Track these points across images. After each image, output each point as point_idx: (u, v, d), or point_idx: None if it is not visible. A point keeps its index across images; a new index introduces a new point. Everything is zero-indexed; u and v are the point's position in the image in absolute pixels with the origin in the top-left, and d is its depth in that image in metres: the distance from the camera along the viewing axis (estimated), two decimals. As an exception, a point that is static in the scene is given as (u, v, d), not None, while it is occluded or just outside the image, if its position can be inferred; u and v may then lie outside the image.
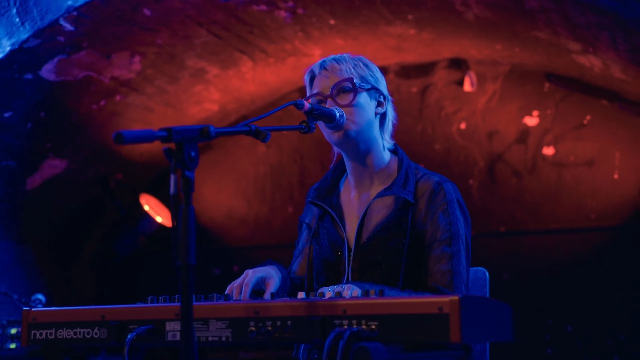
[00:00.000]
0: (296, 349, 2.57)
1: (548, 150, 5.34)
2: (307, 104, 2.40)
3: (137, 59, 4.95)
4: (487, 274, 3.12)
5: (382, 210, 2.49)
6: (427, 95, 5.68)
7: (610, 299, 5.07)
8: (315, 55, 5.40)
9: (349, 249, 2.51)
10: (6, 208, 5.51)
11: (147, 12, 4.51)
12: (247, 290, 2.37)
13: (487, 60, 5.45)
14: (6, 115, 4.86)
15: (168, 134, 1.81)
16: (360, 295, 2.07)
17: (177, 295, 2.27)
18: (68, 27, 4.43)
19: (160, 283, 5.98)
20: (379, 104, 2.60)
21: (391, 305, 1.93)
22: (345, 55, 2.60)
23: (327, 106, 2.52)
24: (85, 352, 2.37)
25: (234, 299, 2.41)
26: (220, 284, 2.53)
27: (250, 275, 2.40)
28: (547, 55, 4.98)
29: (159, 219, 5.94)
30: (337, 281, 2.48)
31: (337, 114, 2.49)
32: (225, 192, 6.16)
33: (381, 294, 2.03)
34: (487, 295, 3.03)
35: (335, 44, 5.28)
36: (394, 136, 2.73)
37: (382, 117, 2.62)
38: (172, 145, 1.84)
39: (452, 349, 2.11)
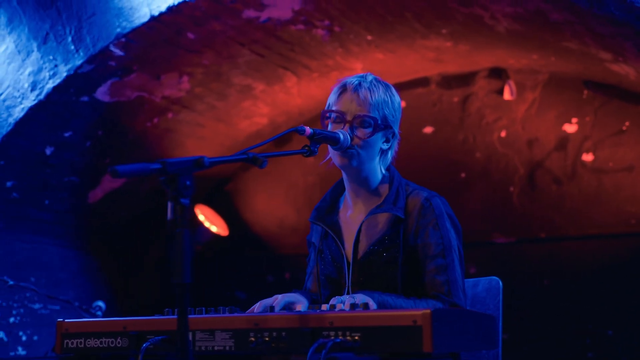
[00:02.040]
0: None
1: (587, 157, 5.40)
2: (308, 130, 2.54)
3: (185, 78, 5.24)
4: (500, 283, 3.22)
5: (375, 227, 2.63)
6: (468, 104, 5.80)
7: (651, 303, 5.09)
8: (357, 69, 5.59)
9: (348, 264, 2.67)
10: (71, 220, 5.88)
11: (190, 35, 4.79)
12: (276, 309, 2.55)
13: (526, 69, 5.54)
14: (66, 135, 5.22)
15: (162, 166, 2.02)
16: (349, 309, 2.25)
17: (190, 308, 2.50)
18: (118, 52, 4.75)
19: (214, 289, 6.28)
20: (386, 140, 2.69)
21: (372, 318, 2.10)
22: (380, 86, 2.66)
23: (341, 127, 2.66)
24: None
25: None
26: (274, 290, 2.71)
27: (280, 299, 2.57)
28: (581, 64, 5.05)
29: (214, 229, 6.23)
30: (339, 293, 2.65)
31: (342, 137, 2.62)
32: (277, 201, 6.41)
33: (365, 307, 2.21)
34: (500, 304, 3.14)
35: (375, 58, 5.45)
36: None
37: (385, 151, 2.71)
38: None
39: (440, 358, 2.26)
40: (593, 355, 5.25)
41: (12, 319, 5.50)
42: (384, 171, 2.71)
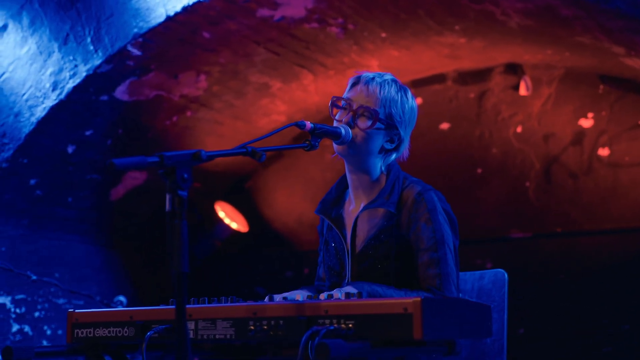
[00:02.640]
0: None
1: (603, 152, 5.40)
2: (308, 124, 2.60)
3: (202, 77, 5.33)
4: (506, 275, 3.24)
5: (371, 221, 2.67)
6: (484, 100, 5.83)
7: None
8: (373, 66, 5.64)
9: (349, 256, 2.73)
10: (94, 217, 6.00)
11: (206, 34, 4.87)
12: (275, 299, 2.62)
13: (542, 65, 5.56)
14: (87, 133, 5.34)
15: (160, 159, 2.10)
16: (343, 297, 2.31)
17: (193, 298, 2.58)
18: (135, 52, 4.85)
19: (233, 284, 6.37)
20: (390, 140, 2.70)
21: (365, 306, 2.16)
22: (393, 85, 2.70)
23: (345, 115, 2.71)
24: (122, 349, 2.70)
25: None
26: (292, 286, 2.78)
27: (278, 299, 2.64)
28: (596, 59, 5.05)
29: (234, 225, 6.32)
30: (340, 285, 2.71)
31: (343, 131, 2.67)
32: (296, 198, 6.48)
33: (360, 296, 2.27)
34: (506, 296, 3.16)
35: (390, 55, 5.49)
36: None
37: (388, 151, 2.72)
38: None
39: (434, 345, 2.31)
40: (609, 350, 5.25)
41: (37, 314, 5.64)
42: (384, 169, 2.73)
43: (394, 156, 2.74)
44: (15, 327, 5.48)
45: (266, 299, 2.61)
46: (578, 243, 5.41)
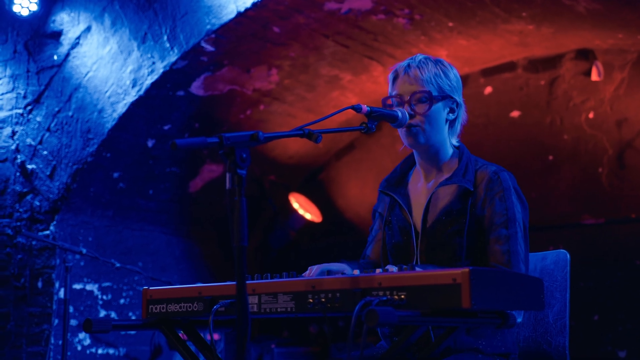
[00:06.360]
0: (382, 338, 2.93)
1: (678, 135, 5.31)
2: (365, 107, 2.71)
3: (274, 71, 5.49)
4: (568, 255, 3.26)
5: (445, 197, 2.76)
6: (555, 87, 5.80)
7: None
8: (442, 56, 5.67)
9: (416, 233, 2.81)
10: (174, 208, 6.25)
11: (276, 29, 5.03)
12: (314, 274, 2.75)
13: (614, 49, 5.49)
14: (166, 127, 5.57)
15: (220, 140, 2.24)
16: (396, 270, 2.40)
17: (256, 274, 2.72)
18: (209, 48, 5.04)
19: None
20: (451, 110, 2.81)
21: (416, 277, 2.25)
22: (428, 62, 2.82)
23: (402, 109, 2.81)
24: (193, 324, 2.87)
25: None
26: None
27: (315, 269, 2.77)
28: (668, 41, 4.98)
29: (308, 216, 6.47)
30: (407, 261, 2.80)
31: (400, 114, 2.77)
32: (368, 188, 6.58)
33: (412, 269, 2.36)
34: (568, 275, 3.18)
35: (459, 44, 5.53)
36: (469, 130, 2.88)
37: (452, 121, 2.84)
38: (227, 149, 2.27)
39: (487, 317, 2.38)
40: (686, 335, 5.17)
41: (122, 301, 5.91)
42: (454, 142, 2.83)
43: (457, 124, 2.84)
44: (102, 313, 5.76)
45: (307, 271, 2.74)
46: (653, 229, 5.35)
